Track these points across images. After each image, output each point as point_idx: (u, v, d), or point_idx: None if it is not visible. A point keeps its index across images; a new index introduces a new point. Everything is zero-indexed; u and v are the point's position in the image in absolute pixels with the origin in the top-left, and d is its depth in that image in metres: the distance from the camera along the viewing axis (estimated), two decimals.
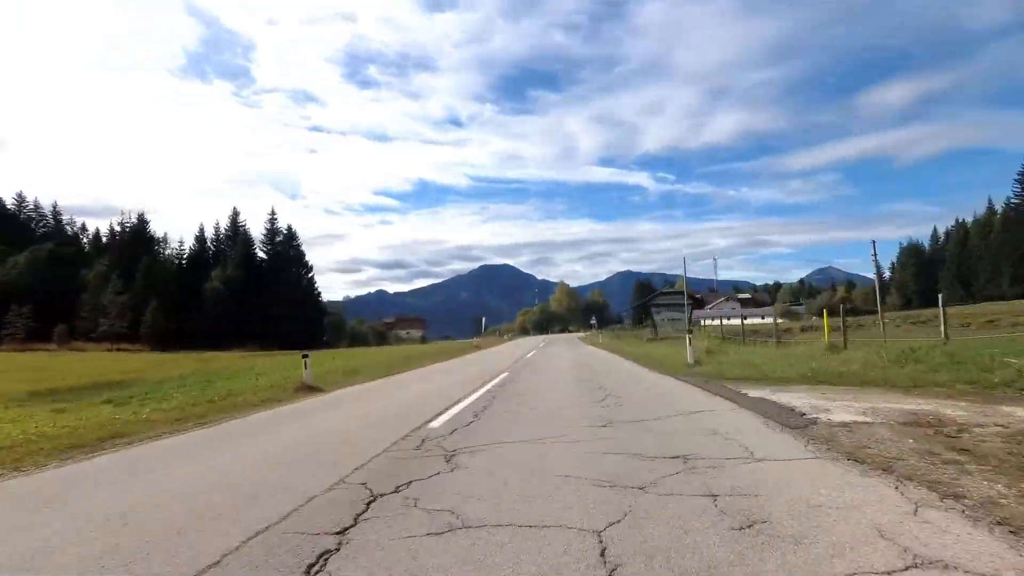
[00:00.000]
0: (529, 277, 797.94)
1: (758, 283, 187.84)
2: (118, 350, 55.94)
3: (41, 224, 79.15)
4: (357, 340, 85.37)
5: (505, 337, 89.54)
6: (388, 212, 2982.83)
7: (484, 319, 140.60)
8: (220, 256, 73.22)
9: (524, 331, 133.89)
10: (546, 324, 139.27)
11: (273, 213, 78.02)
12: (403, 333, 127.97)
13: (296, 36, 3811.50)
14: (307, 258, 78.28)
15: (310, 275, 77.66)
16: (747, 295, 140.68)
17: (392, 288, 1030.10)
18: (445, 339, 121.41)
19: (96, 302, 59.45)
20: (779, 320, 36.68)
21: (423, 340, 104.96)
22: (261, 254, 75.22)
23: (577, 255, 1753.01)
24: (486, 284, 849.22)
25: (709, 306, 79.02)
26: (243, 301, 66.36)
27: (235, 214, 77.06)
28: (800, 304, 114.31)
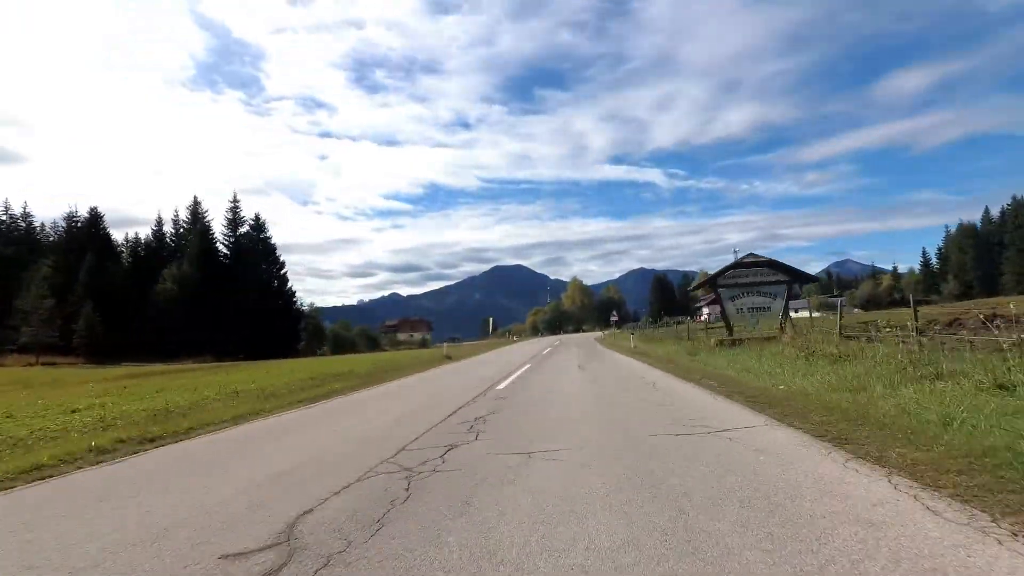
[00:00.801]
0: (542, 277, 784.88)
1: None
2: (43, 364, 47.10)
3: (13, 227, 72.04)
4: (343, 346, 75.69)
5: (513, 339, 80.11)
6: (400, 216, 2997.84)
7: (492, 320, 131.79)
8: (179, 253, 63.61)
9: (535, 331, 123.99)
10: (559, 324, 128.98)
11: (235, 199, 65.92)
12: (405, 336, 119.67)
13: (304, 43, 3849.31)
14: (279, 252, 66.04)
15: (282, 272, 66.11)
16: None
17: (406, 291, 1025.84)
18: (451, 341, 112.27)
19: (24, 308, 50.61)
20: (816, 314, 28.01)
21: (424, 343, 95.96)
22: (224, 249, 64.63)
23: (590, 254, 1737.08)
24: (499, 285, 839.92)
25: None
26: (201, 303, 56.97)
27: (195, 203, 66.52)
28: (838, 295, 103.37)
